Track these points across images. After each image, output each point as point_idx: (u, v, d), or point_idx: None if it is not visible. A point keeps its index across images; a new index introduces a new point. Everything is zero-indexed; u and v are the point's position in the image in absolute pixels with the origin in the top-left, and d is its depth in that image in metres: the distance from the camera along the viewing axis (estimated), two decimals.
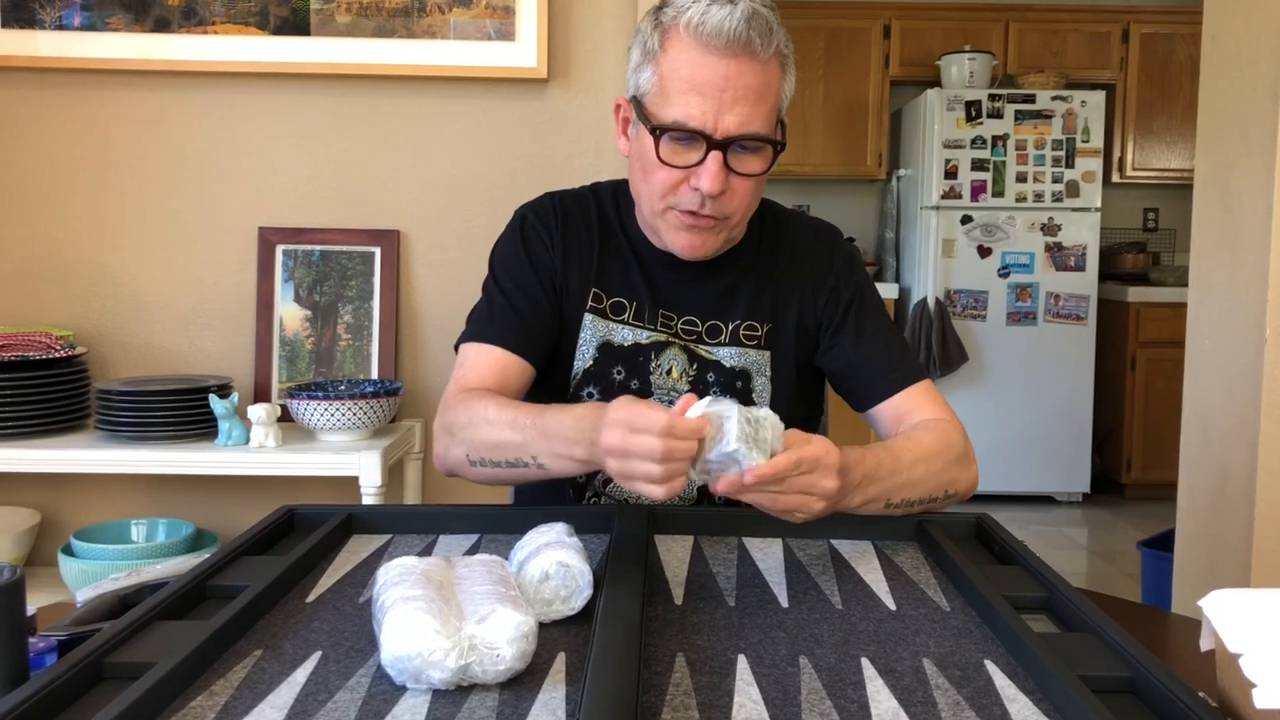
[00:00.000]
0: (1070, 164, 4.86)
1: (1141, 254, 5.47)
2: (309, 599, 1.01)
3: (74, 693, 0.78)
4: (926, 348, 4.80)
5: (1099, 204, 4.89)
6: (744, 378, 1.41)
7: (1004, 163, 4.86)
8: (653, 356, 1.40)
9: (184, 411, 2.18)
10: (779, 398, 1.42)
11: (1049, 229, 4.88)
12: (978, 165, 4.86)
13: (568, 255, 1.42)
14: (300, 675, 0.83)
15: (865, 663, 0.86)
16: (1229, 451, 2.27)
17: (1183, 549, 2.49)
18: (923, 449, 1.25)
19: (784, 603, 1.00)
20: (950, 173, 4.86)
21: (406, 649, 0.78)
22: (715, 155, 1.25)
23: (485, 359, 1.35)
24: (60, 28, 2.35)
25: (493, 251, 1.46)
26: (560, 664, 0.85)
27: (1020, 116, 4.86)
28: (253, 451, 2.14)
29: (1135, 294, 5.00)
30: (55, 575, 2.23)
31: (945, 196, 4.87)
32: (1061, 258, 4.88)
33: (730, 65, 1.23)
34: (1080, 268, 4.89)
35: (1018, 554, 1.10)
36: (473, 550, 1.17)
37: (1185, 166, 5.21)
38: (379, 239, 2.43)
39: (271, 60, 2.38)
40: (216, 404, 2.15)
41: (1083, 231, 4.89)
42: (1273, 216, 2.13)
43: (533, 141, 2.45)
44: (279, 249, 2.42)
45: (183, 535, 2.23)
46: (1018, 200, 4.87)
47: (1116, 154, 5.31)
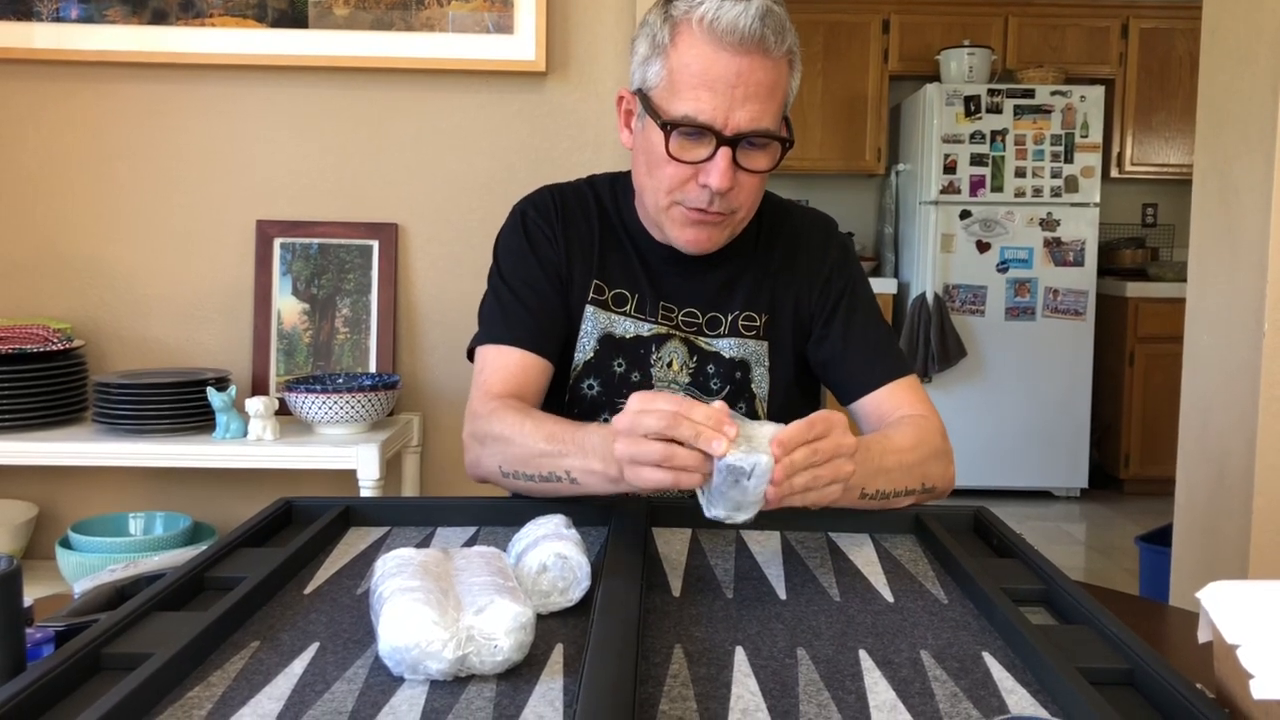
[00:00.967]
0: (1069, 159, 4.86)
1: (1140, 249, 5.47)
2: (307, 590, 1.01)
3: (71, 683, 0.78)
4: (925, 343, 4.80)
5: (1098, 199, 4.90)
6: (743, 368, 1.41)
7: (1003, 158, 4.86)
8: (654, 349, 1.40)
9: (182, 404, 2.18)
10: (777, 388, 1.43)
11: (1048, 224, 4.88)
12: (977, 160, 4.86)
13: (570, 247, 1.42)
14: (298, 666, 0.83)
15: (863, 654, 0.86)
16: (1227, 446, 2.28)
17: (1181, 542, 2.49)
18: (895, 443, 1.25)
19: (782, 595, 1.00)
20: (949, 168, 4.86)
21: (404, 640, 0.78)
22: (725, 151, 1.24)
23: (505, 361, 1.35)
24: (57, 20, 2.35)
25: (495, 247, 1.46)
26: (558, 655, 0.85)
27: (1019, 111, 4.85)
28: (250, 444, 2.14)
29: (1134, 289, 5.00)
30: (53, 568, 2.23)
31: (944, 191, 4.87)
32: (1060, 253, 4.88)
33: (742, 61, 1.22)
34: (1079, 263, 4.89)
35: (1016, 547, 1.10)
36: (471, 542, 1.17)
37: (1184, 162, 5.21)
38: (377, 232, 2.43)
39: (269, 53, 2.37)
40: (214, 397, 2.15)
41: (1081, 227, 4.89)
42: (1272, 212, 2.13)
43: (531, 135, 2.45)
44: (277, 242, 2.42)
45: (180, 528, 2.23)
46: (1016, 195, 4.86)
47: (1115, 149, 5.31)
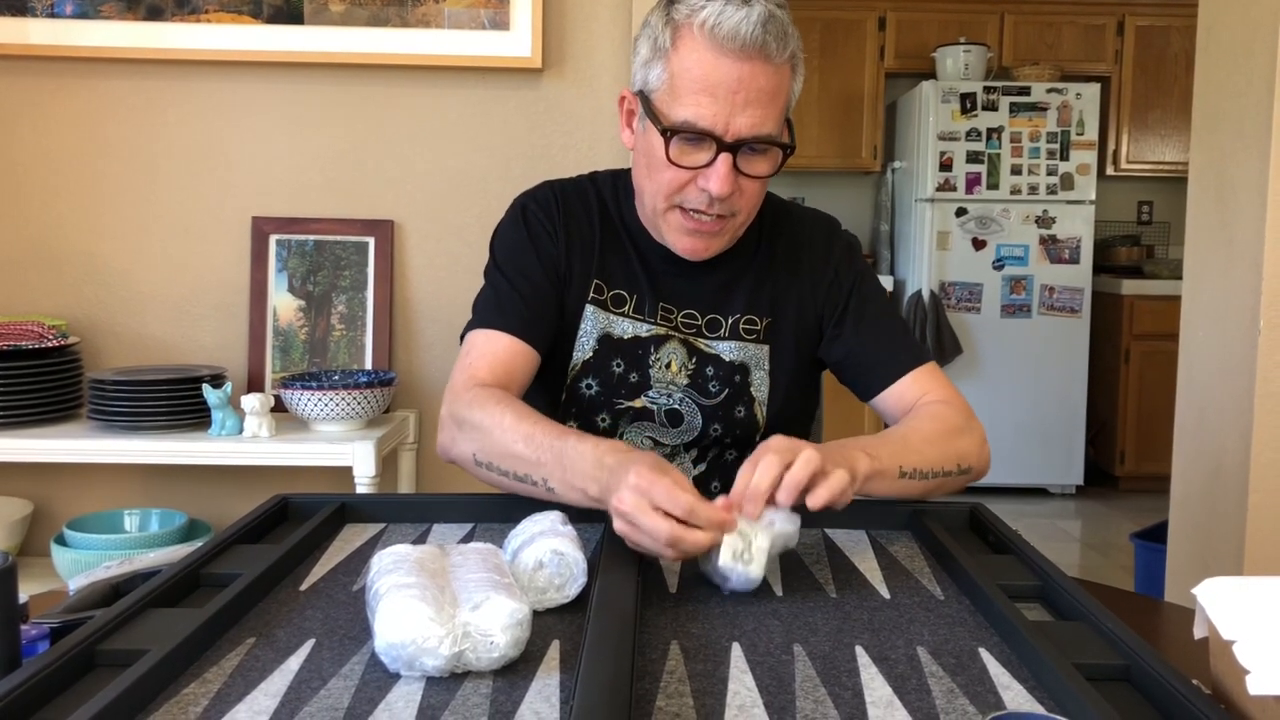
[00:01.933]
0: (1065, 157, 4.86)
1: (1136, 247, 5.48)
2: (302, 587, 1.01)
3: (66, 680, 0.77)
4: (921, 340, 4.80)
5: (1093, 197, 4.90)
6: (742, 371, 1.40)
7: (999, 155, 4.86)
8: (652, 350, 1.40)
9: (177, 401, 2.18)
10: (777, 391, 1.42)
11: (1043, 221, 4.88)
12: (972, 158, 4.86)
13: (570, 244, 1.41)
14: (294, 663, 0.83)
15: (859, 651, 0.86)
16: (1222, 442, 2.28)
17: (1176, 539, 2.49)
18: (914, 426, 1.27)
19: (778, 591, 1.00)
20: (945, 165, 4.86)
21: (400, 636, 0.78)
22: (725, 157, 1.24)
23: (492, 346, 1.34)
24: (52, 15, 2.34)
25: (493, 240, 1.45)
26: (554, 652, 0.85)
27: (1015, 109, 4.86)
28: (246, 441, 2.13)
29: (1129, 287, 5.01)
30: (48, 565, 2.23)
31: (940, 189, 4.87)
32: (1056, 250, 4.89)
33: (744, 68, 1.21)
34: (1075, 260, 4.89)
35: (1012, 543, 1.10)
36: (467, 539, 1.17)
37: (1180, 159, 5.22)
38: (373, 229, 2.43)
39: (265, 49, 2.37)
40: (210, 394, 2.15)
41: (1077, 224, 4.89)
42: (1267, 209, 2.13)
43: (527, 131, 2.44)
44: (273, 239, 2.42)
45: (176, 525, 2.23)
46: (1012, 193, 4.87)
47: (1111, 147, 5.32)
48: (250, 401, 2.14)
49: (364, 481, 2.11)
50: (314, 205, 2.44)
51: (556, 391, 1.41)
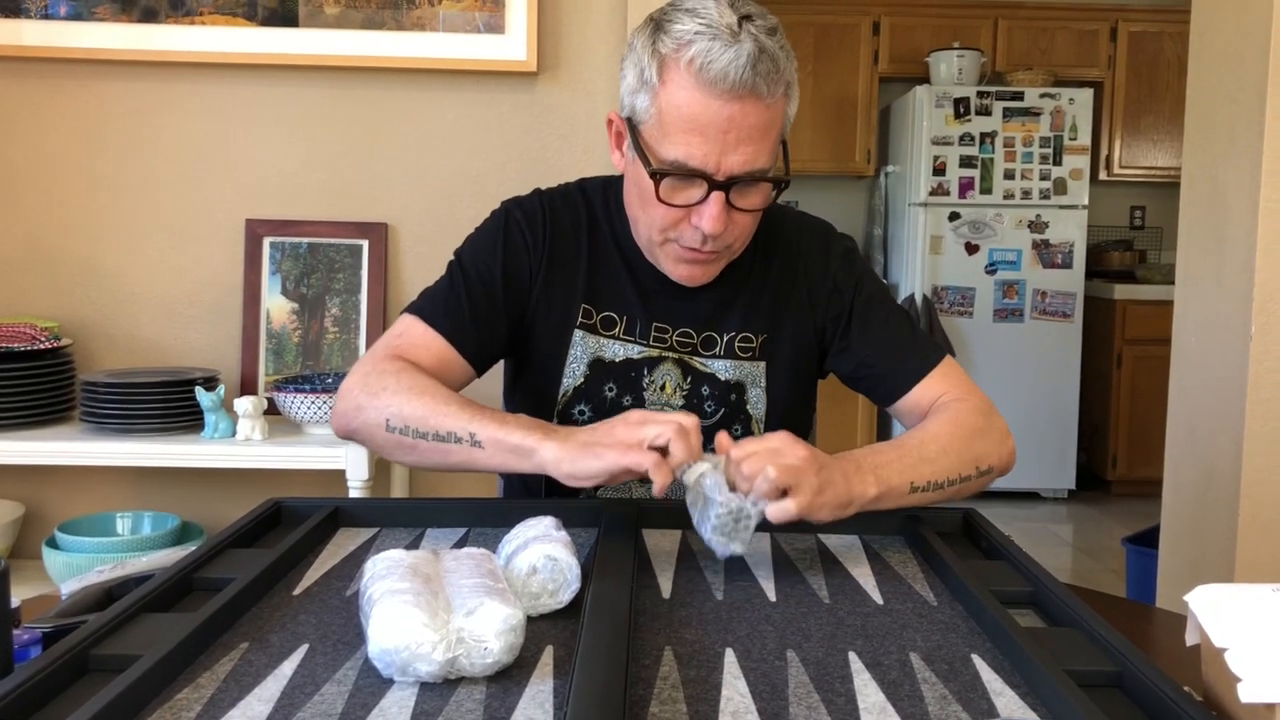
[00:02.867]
0: (1058, 161, 4.88)
1: (1128, 252, 5.50)
2: (296, 592, 1.01)
3: (59, 685, 0.77)
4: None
5: (1086, 201, 4.91)
6: (738, 390, 1.38)
7: (992, 160, 4.87)
8: (645, 372, 1.37)
9: (170, 404, 2.17)
10: (774, 409, 1.40)
11: (1036, 226, 4.89)
12: (966, 162, 4.87)
13: (552, 262, 1.37)
14: (287, 668, 0.83)
15: (853, 656, 0.86)
16: (1214, 448, 2.29)
17: (1168, 544, 2.50)
18: (929, 432, 1.23)
19: (772, 597, 1.00)
20: (938, 169, 4.87)
21: (394, 642, 0.78)
22: (717, 196, 1.21)
23: (427, 343, 1.31)
24: (46, 17, 2.34)
25: (469, 236, 1.41)
26: (548, 657, 0.85)
27: (1008, 114, 4.87)
28: (239, 444, 2.13)
29: (1121, 291, 5.02)
30: (39, 568, 2.22)
31: (933, 193, 4.88)
32: (1048, 255, 4.90)
33: (734, 108, 1.17)
34: (1067, 265, 4.90)
35: (1005, 549, 1.10)
36: (460, 543, 1.17)
37: (1172, 165, 5.23)
38: (367, 232, 2.43)
39: (259, 52, 2.37)
40: (203, 396, 2.14)
41: (1070, 229, 4.90)
42: (1259, 214, 2.14)
43: (522, 135, 2.44)
44: (266, 241, 2.41)
45: (168, 528, 2.22)
46: (1005, 197, 4.88)
47: (1104, 152, 5.34)
48: (243, 404, 2.13)
49: (357, 485, 2.10)
50: (308, 208, 2.44)
51: (548, 418, 1.37)
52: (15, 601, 0.89)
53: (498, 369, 1.45)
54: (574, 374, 1.37)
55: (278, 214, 2.44)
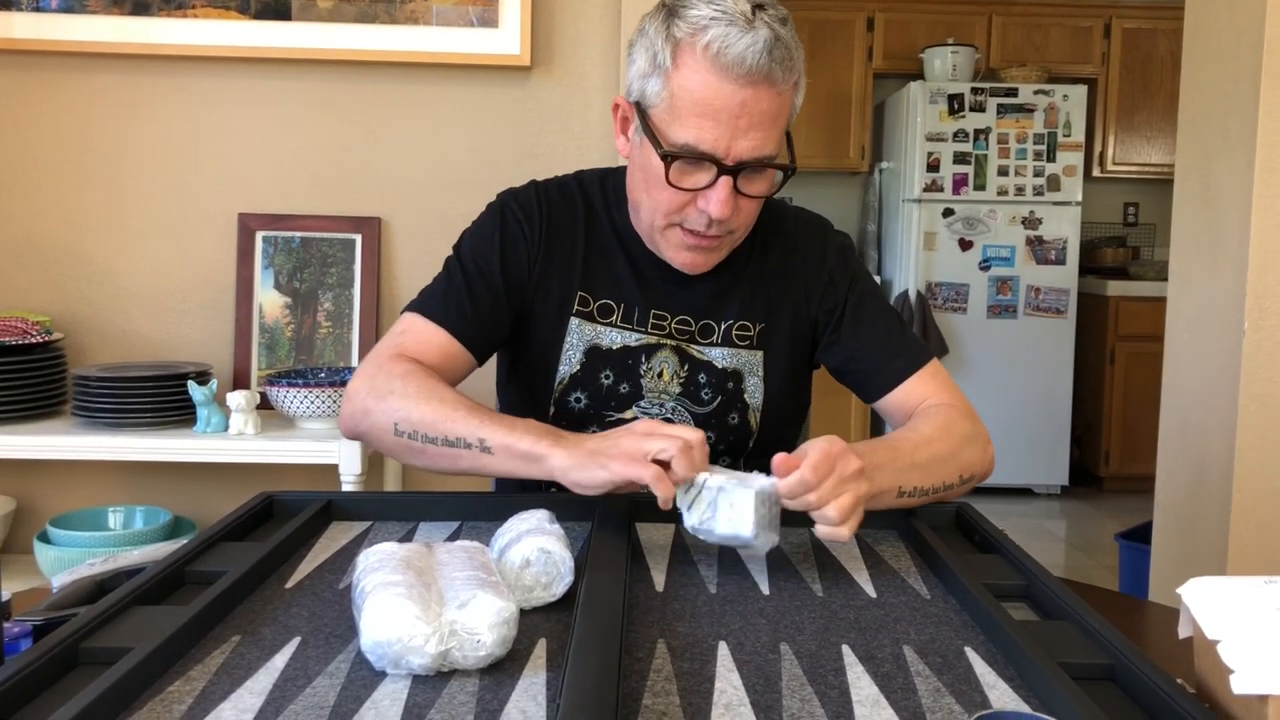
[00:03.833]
0: (1051, 158, 4.88)
1: (1122, 248, 5.51)
2: (288, 585, 1.00)
3: (49, 677, 0.77)
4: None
5: (1080, 198, 4.92)
6: (735, 378, 1.39)
7: (986, 156, 4.88)
8: (643, 359, 1.37)
9: (162, 398, 2.17)
10: (771, 397, 1.40)
11: (1030, 222, 4.90)
12: (960, 158, 4.88)
13: (549, 252, 1.37)
14: (279, 661, 0.82)
15: (846, 650, 0.86)
16: (1207, 443, 2.29)
17: (1160, 539, 2.51)
18: (923, 436, 1.24)
19: (765, 590, 1.00)
20: (932, 166, 4.88)
21: (386, 634, 0.78)
22: (725, 180, 1.22)
23: (430, 337, 1.31)
24: (37, 9, 2.33)
25: (466, 230, 1.41)
26: (541, 650, 0.85)
27: (1002, 110, 4.87)
28: (231, 439, 2.13)
29: (1115, 288, 5.03)
30: (31, 563, 2.22)
31: (927, 189, 4.88)
32: (1042, 251, 4.91)
33: (747, 93, 1.18)
34: (1061, 261, 4.91)
35: (998, 543, 1.10)
36: (453, 537, 1.17)
37: (1166, 161, 5.24)
38: (360, 226, 2.42)
39: (252, 45, 2.36)
40: (195, 391, 2.14)
41: (1063, 225, 4.91)
42: (1252, 211, 2.14)
43: (515, 129, 2.44)
44: (259, 235, 2.41)
45: (160, 523, 2.22)
46: (999, 194, 4.88)
47: (1098, 148, 5.34)
48: (236, 399, 2.13)
49: (350, 479, 2.10)
50: (301, 202, 2.44)
51: (544, 406, 1.38)
52: (5, 594, 0.89)
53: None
54: (570, 361, 1.37)
55: (270, 208, 2.43)
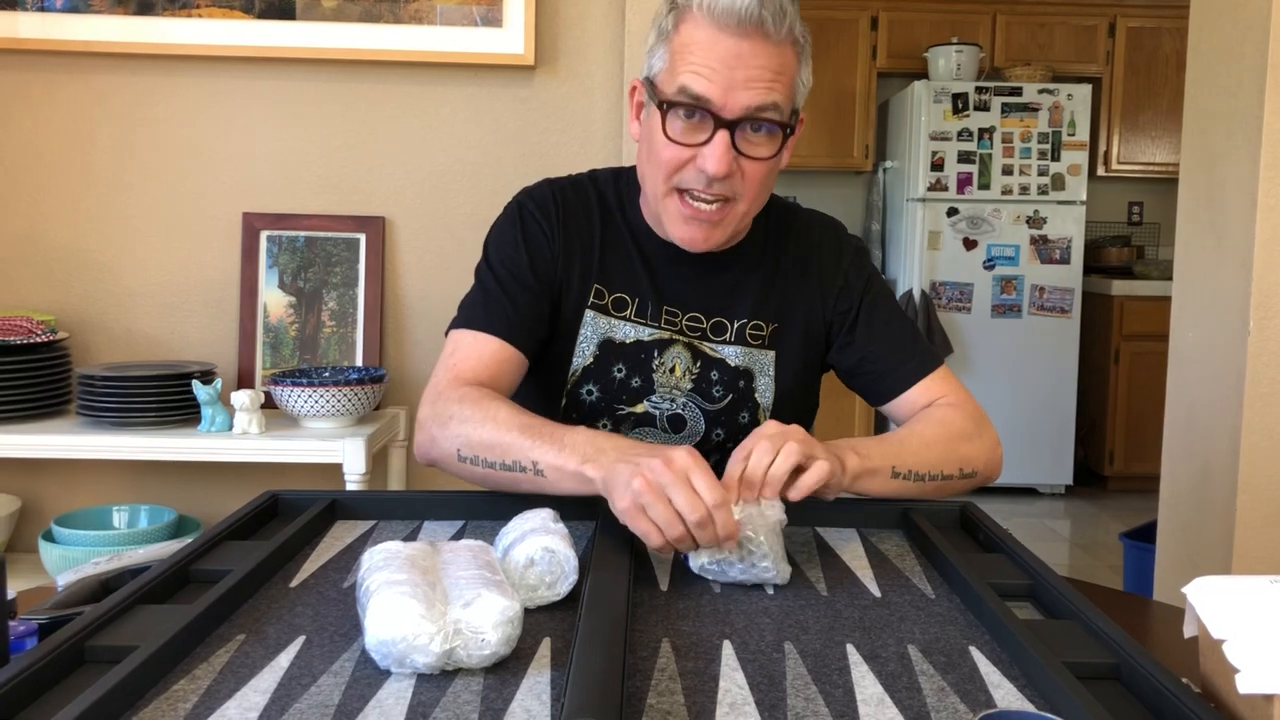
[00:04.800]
0: (1056, 157, 4.88)
1: (1126, 247, 5.50)
2: (293, 584, 1.00)
3: (55, 676, 0.77)
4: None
5: (1084, 197, 4.91)
6: (747, 377, 1.39)
7: (990, 155, 4.87)
8: (655, 354, 1.38)
9: (167, 397, 2.17)
10: (781, 397, 1.41)
11: (1034, 222, 4.89)
12: (964, 157, 4.87)
13: (568, 247, 1.38)
14: (284, 659, 0.82)
15: (850, 649, 0.86)
16: (1211, 443, 2.29)
17: (1165, 538, 2.50)
18: (915, 429, 1.27)
19: (769, 589, 1.00)
20: (936, 165, 4.87)
21: (391, 633, 0.78)
22: (722, 134, 1.23)
23: (480, 349, 1.32)
24: (42, 9, 2.33)
25: (488, 237, 1.43)
26: (545, 649, 0.85)
27: (1007, 109, 4.87)
28: (236, 438, 2.13)
29: (1119, 287, 5.02)
30: (36, 561, 2.22)
31: (931, 189, 4.88)
32: (1046, 251, 4.90)
33: (743, 45, 1.21)
34: (1065, 261, 4.91)
35: (1002, 542, 1.10)
36: (458, 536, 1.17)
37: (1170, 160, 5.23)
38: (364, 225, 2.42)
39: (256, 44, 2.36)
40: (200, 390, 2.14)
41: (1068, 224, 4.90)
42: (1257, 210, 2.14)
43: (520, 129, 2.44)
44: (263, 235, 2.41)
45: (165, 522, 2.22)
46: (1003, 193, 4.88)
47: (1102, 147, 5.34)
48: (240, 398, 2.13)
49: (354, 478, 2.10)
50: (305, 201, 2.44)
51: (556, 398, 1.39)
52: (11, 593, 0.89)
53: None
54: (584, 354, 1.38)
55: (275, 207, 2.43)
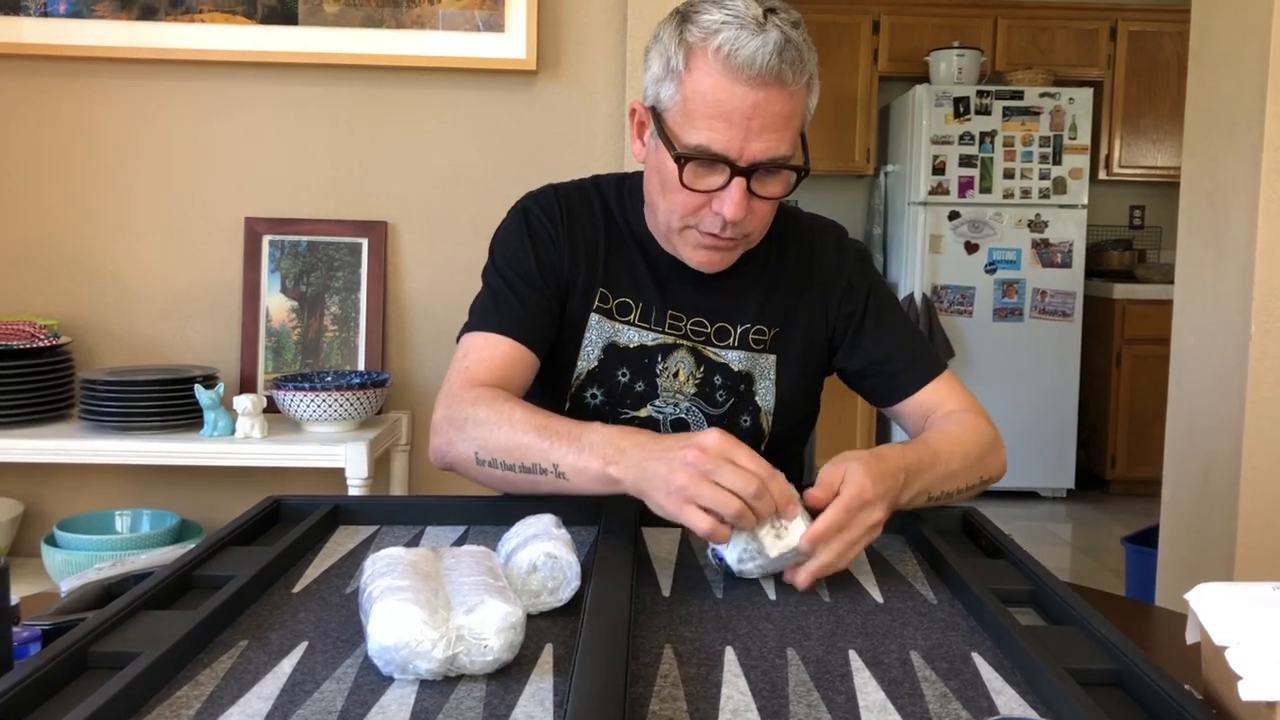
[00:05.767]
0: (1057, 161, 4.88)
1: (1128, 251, 5.50)
2: (295, 590, 1.00)
3: (58, 682, 0.77)
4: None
5: (1086, 201, 4.91)
6: (747, 381, 1.40)
7: (991, 159, 4.87)
8: (659, 359, 1.38)
9: (169, 402, 2.17)
10: (782, 401, 1.41)
11: (1036, 225, 4.89)
12: (965, 161, 4.87)
13: (574, 251, 1.39)
14: (286, 665, 0.82)
15: (853, 655, 0.86)
16: (1213, 447, 2.29)
17: (1167, 543, 2.50)
18: (955, 440, 1.25)
19: (772, 595, 1.00)
20: (938, 169, 4.87)
21: (394, 639, 0.78)
22: (739, 182, 1.22)
23: (492, 350, 1.31)
24: (45, 15, 2.33)
25: (493, 241, 1.43)
26: (548, 655, 0.85)
27: (1008, 113, 4.87)
28: (238, 442, 2.13)
29: (1121, 291, 5.02)
30: (39, 566, 2.22)
31: (933, 192, 4.88)
32: (1048, 254, 4.90)
33: (759, 95, 1.19)
34: (1067, 264, 4.91)
35: (1005, 548, 1.10)
36: (460, 541, 1.17)
37: (1172, 164, 5.23)
38: (366, 230, 2.43)
39: (259, 50, 2.37)
40: (202, 394, 2.14)
41: (1069, 228, 4.90)
42: (1259, 214, 2.14)
43: (521, 133, 2.44)
44: (265, 239, 2.41)
45: (167, 526, 2.22)
46: (1005, 197, 4.88)
47: (1104, 151, 5.34)
48: (242, 402, 2.13)
49: (356, 483, 2.10)
50: (307, 206, 2.44)
51: (560, 401, 1.39)
52: (14, 599, 0.89)
53: None
54: (588, 357, 1.38)
55: (277, 212, 2.43)
